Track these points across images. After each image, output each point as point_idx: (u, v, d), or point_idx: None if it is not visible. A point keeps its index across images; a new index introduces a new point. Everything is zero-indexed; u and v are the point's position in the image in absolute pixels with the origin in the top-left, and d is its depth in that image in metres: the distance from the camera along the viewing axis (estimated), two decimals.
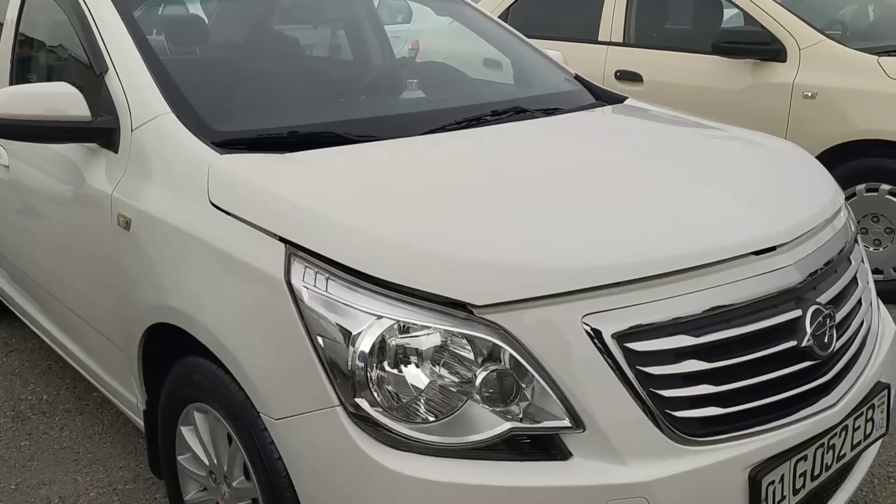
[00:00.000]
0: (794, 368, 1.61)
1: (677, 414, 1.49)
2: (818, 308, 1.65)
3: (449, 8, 3.14)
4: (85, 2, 2.33)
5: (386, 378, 1.47)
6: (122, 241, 2.00)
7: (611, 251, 1.53)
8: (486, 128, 2.20)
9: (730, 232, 1.63)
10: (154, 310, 1.90)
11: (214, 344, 1.69)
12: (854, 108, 3.68)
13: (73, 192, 2.23)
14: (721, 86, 4.11)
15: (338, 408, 1.48)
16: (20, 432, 2.80)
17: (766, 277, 1.62)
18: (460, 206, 1.66)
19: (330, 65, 3.02)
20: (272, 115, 2.21)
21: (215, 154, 1.87)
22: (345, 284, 1.51)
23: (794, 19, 3.94)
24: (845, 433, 1.71)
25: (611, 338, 1.47)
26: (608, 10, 4.67)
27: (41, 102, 2.05)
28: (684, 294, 1.54)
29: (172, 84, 2.08)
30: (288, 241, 1.59)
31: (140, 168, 2.01)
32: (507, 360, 1.46)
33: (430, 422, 1.46)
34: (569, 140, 2.16)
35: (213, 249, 1.73)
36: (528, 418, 1.46)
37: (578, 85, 2.77)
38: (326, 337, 1.50)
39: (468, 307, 1.46)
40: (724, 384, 1.53)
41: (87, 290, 2.27)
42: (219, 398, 1.74)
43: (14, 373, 3.24)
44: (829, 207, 1.89)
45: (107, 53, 2.18)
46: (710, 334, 1.53)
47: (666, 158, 1.99)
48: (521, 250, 1.51)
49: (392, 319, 1.47)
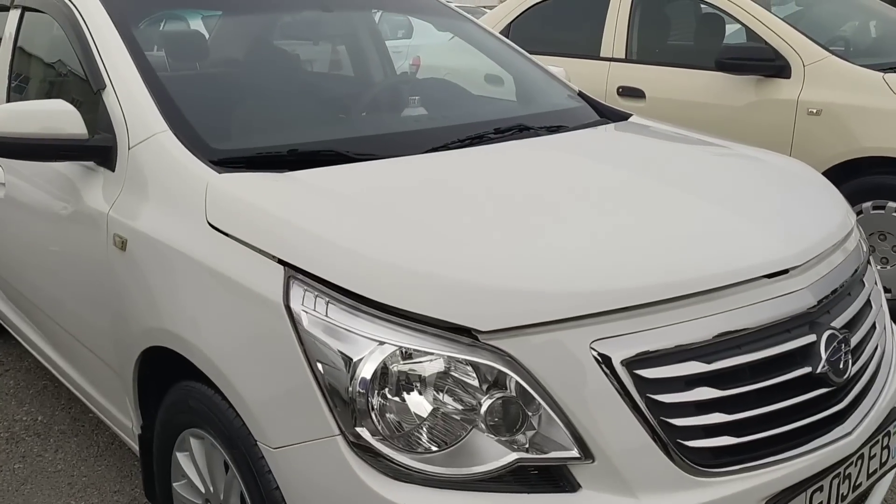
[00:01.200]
0: (809, 396, 1.56)
1: (689, 443, 1.44)
2: (833, 333, 1.61)
3: (450, 24, 3.11)
4: (83, 18, 2.30)
5: (388, 406, 1.42)
6: (117, 262, 1.96)
7: (620, 275, 1.48)
8: (489, 146, 2.16)
9: (742, 255, 1.59)
10: (150, 332, 1.85)
11: (211, 369, 1.64)
12: (859, 125, 3.65)
13: (69, 210, 2.19)
14: (724, 102, 4.08)
15: (338, 437, 1.43)
16: (14, 454, 2.75)
17: (779, 301, 1.58)
18: (464, 227, 1.62)
19: (330, 81, 2.98)
20: (271, 133, 2.17)
21: (213, 173, 1.83)
22: (345, 309, 1.47)
23: (799, 36, 3.91)
24: (861, 462, 1.66)
25: (620, 364, 1.43)
26: (610, 25, 4.65)
27: (37, 120, 2.02)
28: (696, 319, 1.50)
29: (170, 101, 2.04)
30: (287, 264, 1.55)
31: (137, 187, 1.97)
32: (512, 388, 1.41)
33: (433, 451, 1.41)
34: (574, 159, 2.12)
35: (210, 271, 1.68)
36: (534, 448, 1.41)
37: (582, 102, 2.74)
38: (326, 363, 1.45)
39: (473, 333, 1.42)
40: (738, 412, 1.48)
41: (82, 311, 2.22)
42: (215, 424, 1.69)
43: (9, 393, 3.19)
44: (841, 228, 1.84)
45: (104, 70, 2.14)
46: (723, 360, 1.48)
47: (674, 178, 1.95)
48: (527, 274, 1.46)
49: (394, 345, 1.42)
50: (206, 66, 2.69)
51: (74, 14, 2.35)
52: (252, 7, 2.68)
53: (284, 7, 2.74)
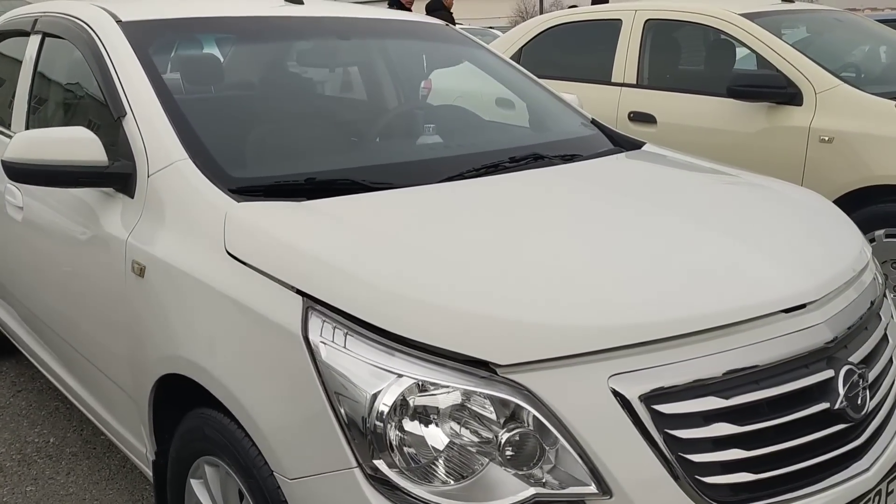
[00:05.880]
0: (827, 432, 1.55)
1: (707, 480, 1.44)
2: (851, 368, 1.60)
3: (464, 52, 3.13)
4: (104, 45, 2.33)
5: (406, 439, 1.42)
6: (135, 288, 1.97)
7: (639, 309, 1.49)
8: (504, 175, 2.17)
9: (759, 289, 1.59)
10: (166, 360, 1.86)
11: (228, 398, 1.65)
12: (871, 153, 3.65)
13: (87, 235, 2.21)
14: (735, 128, 4.09)
15: (355, 469, 1.43)
16: (26, 477, 2.75)
17: (796, 336, 1.58)
18: (481, 259, 1.62)
19: (346, 108, 3.01)
20: (288, 161, 2.19)
21: (232, 202, 1.84)
22: (364, 341, 1.47)
23: (811, 63, 3.93)
24: (879, 498, 1.65)
25: (638, 399, 1.43)
26: (622, 51, 4.68)
27: (58, 147, 2.04)
28: (713, 354, 1.49)
29: (190, 130, 2.07)
30: (305, 294, 1.56)
31: (156, 214, 1.98)
32: (530, 422, 1.41)
33: (450, 485, 1.41)
34: (590, 189, 2.13)
35: (228, 300, 1.69)
36: (551, 483, 1.41)
37: (595, 130, 2.75)
38: (344, 395, 1.46)
39: (491, 366, 1.42)
40: (756, 448, 1.47)
41: (98, 336, 2.24)
42: (231, 453, 1.69)
43: (21, 414, 3.20)
44: (857, 261, 1.84)
45: (125, 98, 2.17)
46: (741, 396, 1.48)
47: (691, 211, 1.95)
48: (545, 308, 1.47)
49: (413, 378, 1.42)
50: (224, 93, 2.72)
51: (95, 41, 2.38)
52: (270, 35, 2.71)
53: (303, 35, 2.77)
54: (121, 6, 2.52)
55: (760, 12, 4.33)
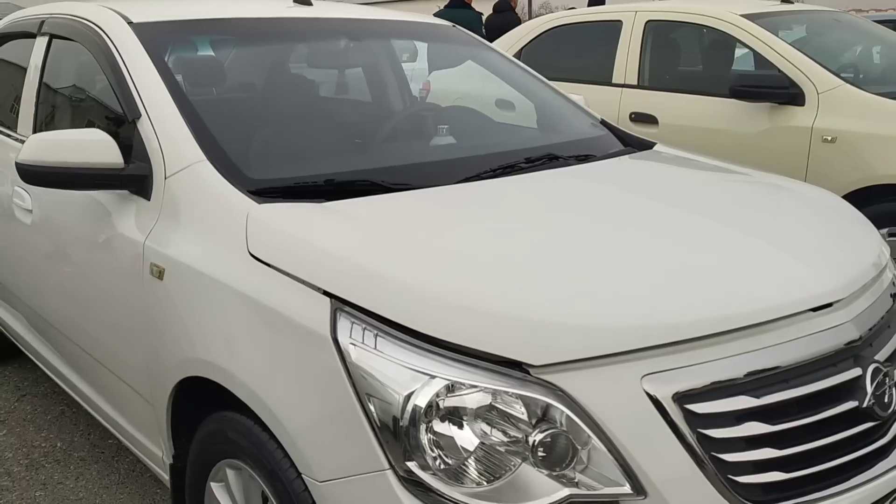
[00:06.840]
0: (856, 430, 1.56)
1: (740, 479, 1.44)
2: (878, 366, 1.61)
3: (468, 52, 3.13)
4: (116, 48, 2.32)
5: (439, 440, 1.42)
6: (154, 291, 1.96)
7: (671, 309, 1.49)
8: (522, 175, 2.17)
9: (787, 288, 1.60)
10: (187, 363, 1.85)
11: (253, 400, 1.64)
12: (874, 153, 3.67)
13: (101, 238, 2.19)
14: (738, 129, 4.11)
15: (388, 471, 1.43)
16: (35, 482, 2.73)
17: (824, 335, 1.58)
18: (510, 259, 1.62)
19: (360, 110, 3.00)
20: (305, 162, 2.18)
21: (253, 203, 1.83)
22: (394, 342, 1.46)
23: (812, 64, 3.95)
24: None
25: (671, 399, 1.43)
26: (622, 52, 4.69)
27: (73, 149, 2.02)
28: (744, 353, 1.50)
29: (207, 131, 2.05)
30: (333, 296, 1.55)
31: (174, 216, 1.97)
32: (563, 422, 1.41)
33: (483, 486, 1.41)
34: (610, 189, 2.13)
35: (252, 302, 1.68)
36: (585, 484, 1.41)
37: (605, 130, 2.76)
38: (376, 396, 1.45)
39: (524, 367, 1.42)
40: (787, 448, 1.48)
41: (113, 340, 2.22)
42: (255, 456, 1.68)
43: (27, 418, 3.17)
44: (879, 260, 1.86)
45: (140, 100, 2.15)
46: (772, 395, 1.49)
47: (714, 211, 1.96)
48: (578, 308, 1.47)
49: (445, 379, 1.42)
50: (241, 95, 2.71)
51: (107, 43, 2.36)
52: (280, 36, 2.70)
53: (312, 36, 2.76)
54: (129, 8, 2.50)
55: (761, 13, 4.35)
